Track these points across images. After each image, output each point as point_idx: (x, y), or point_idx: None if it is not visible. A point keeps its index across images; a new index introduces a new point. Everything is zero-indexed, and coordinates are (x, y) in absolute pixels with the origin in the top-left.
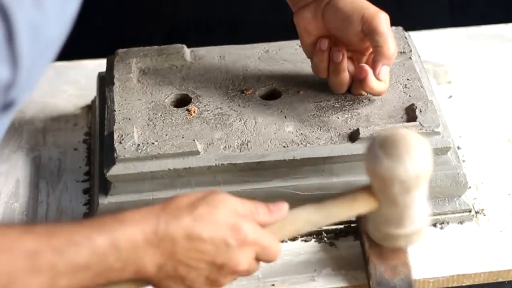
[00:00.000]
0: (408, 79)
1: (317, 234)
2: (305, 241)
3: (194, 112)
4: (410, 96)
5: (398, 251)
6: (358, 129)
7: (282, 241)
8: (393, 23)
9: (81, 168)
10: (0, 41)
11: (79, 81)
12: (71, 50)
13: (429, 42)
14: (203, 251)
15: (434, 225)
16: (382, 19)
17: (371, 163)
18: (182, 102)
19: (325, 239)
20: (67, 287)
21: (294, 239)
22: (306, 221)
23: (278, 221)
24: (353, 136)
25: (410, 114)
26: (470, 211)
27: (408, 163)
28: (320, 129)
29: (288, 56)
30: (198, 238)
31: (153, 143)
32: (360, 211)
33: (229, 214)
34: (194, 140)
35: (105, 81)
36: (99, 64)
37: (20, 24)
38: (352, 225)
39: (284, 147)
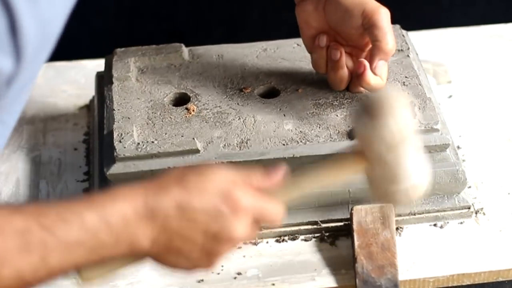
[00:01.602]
0: (406, 77)
1: (317, 234)
2: (305, 240)
3: (193, 110)
4: (408, 93)
5: (386, 252)
6: None
7: (281, 241)
8: (393, 22)
9: (81, 167)
10: (2, 32)
11: (78, 81)
12: (71, 50)
13: (429, 42)
14: (195, 220)
15: (434, 223)
16: (383, 14)
17: (356, 125)
18: (181, 101)
19: (325, 238)
20: (59, 264)
21: (294, 238)
22: (306, 182)
23: (278, 184)
24: (352, 134)
25: None
26: (469, 208)
27: (390, 121)
28: (319, 127)
29: (286, 54)
30: (189, 207)
31: (153, 142)
32: (352, 171)
33: (219, 182)
34: (193, 138)
35: (103, 81)
36: (99, 64)
37: (25, 15)
38: None
39: (284, 145)
